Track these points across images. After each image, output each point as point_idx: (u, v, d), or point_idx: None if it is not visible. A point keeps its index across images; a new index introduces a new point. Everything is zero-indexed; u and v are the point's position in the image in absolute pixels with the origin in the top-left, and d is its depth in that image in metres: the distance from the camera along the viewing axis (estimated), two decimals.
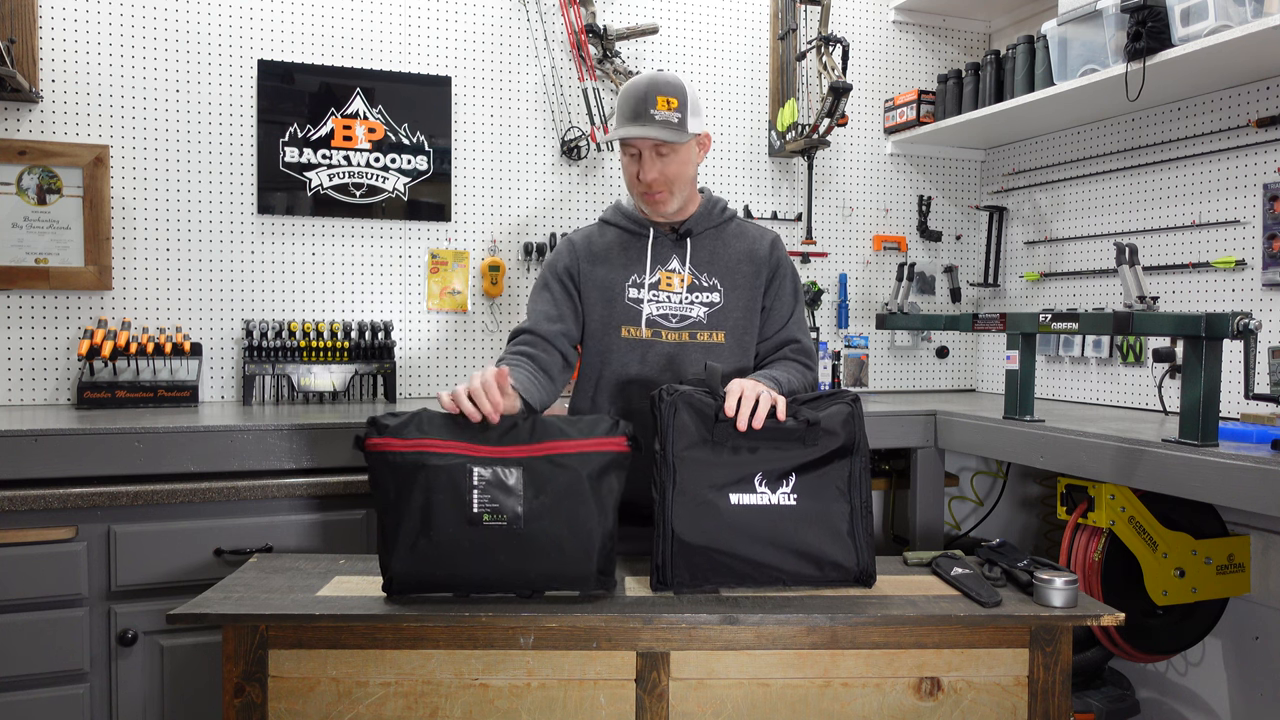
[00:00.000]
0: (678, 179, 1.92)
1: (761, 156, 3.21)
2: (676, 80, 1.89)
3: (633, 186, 1.95)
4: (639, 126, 1.85)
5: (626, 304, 1.95)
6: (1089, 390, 2.95)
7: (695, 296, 1.96)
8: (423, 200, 2.85)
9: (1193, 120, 2.62)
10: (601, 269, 1.98)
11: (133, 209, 2.60)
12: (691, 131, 1.89)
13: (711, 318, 1.95)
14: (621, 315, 1.95)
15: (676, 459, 1.59)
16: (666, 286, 1.96)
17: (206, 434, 2.06)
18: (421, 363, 2.87)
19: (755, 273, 2.00)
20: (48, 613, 1.95)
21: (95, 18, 2.55)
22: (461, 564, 1.49)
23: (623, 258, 1.98)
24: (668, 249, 1.98)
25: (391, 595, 1.51)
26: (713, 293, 1.97)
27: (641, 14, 3.06)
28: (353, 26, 2.79)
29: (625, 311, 1.95)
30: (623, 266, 1.98)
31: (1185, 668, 2.60)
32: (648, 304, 1.95)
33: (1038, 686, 1.54)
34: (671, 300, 1.96)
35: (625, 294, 1.96)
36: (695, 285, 1.96)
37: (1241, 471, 1.76)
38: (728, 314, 1.96)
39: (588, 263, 1.99)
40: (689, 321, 1.95)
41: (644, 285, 1.96)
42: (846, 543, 1.60)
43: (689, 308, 1.95)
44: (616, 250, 2.00)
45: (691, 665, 1.50)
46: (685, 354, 1.94)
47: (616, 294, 1.96)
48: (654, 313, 1.95)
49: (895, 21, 3.35)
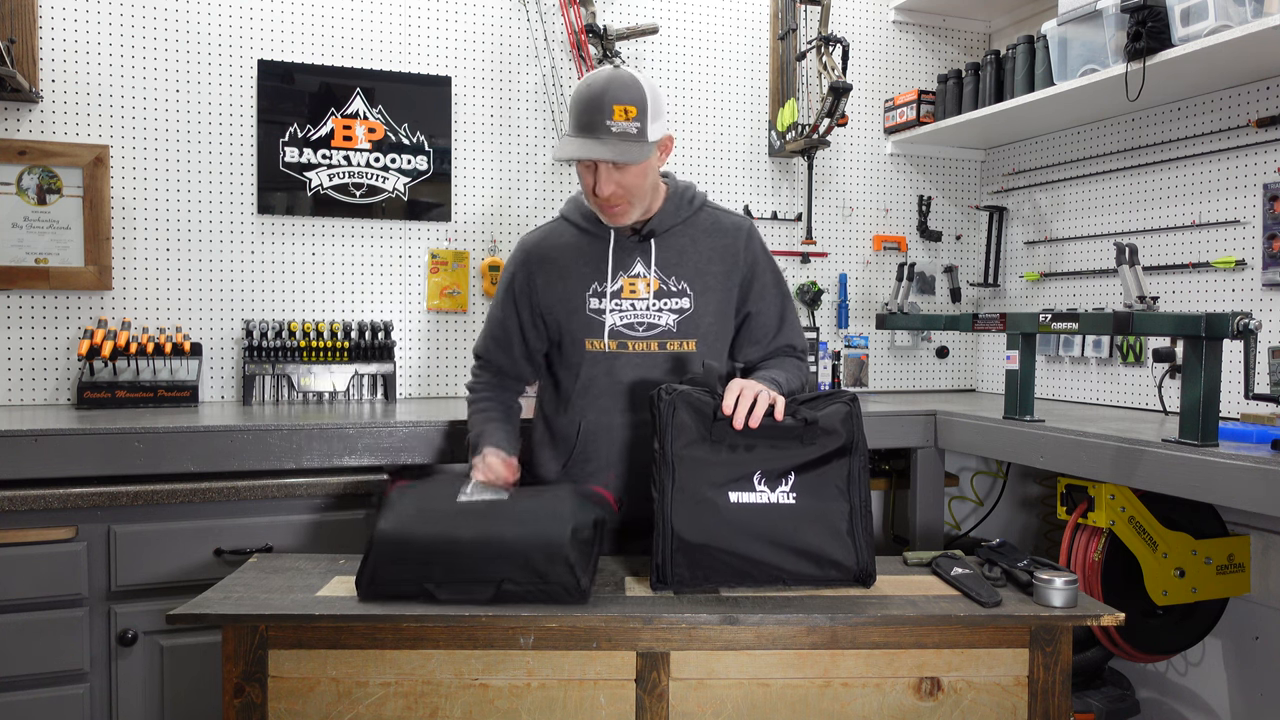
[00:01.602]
0: (636, 190, 1.77)
1: (761, 156, 3.21)
2: (634, 82, 1.72)
3: (588, 199, 1.82)
4: (592, 142, 1.69)
5: (588, 315, 1.84)
6: (1089, 390, 2.95)
7: (663, 303, 1.84)
8: (423, 200, 2.85)
9: (1193, 120, 2.62)
10: (557, 278, 1.87)
11: (133, 209, 2.60)
12: (652, 140, 1.73)
13: (681, 325, 1.85)
14: (583, 327, 1.84)
15: (675, 457, 1.59)
16: (630, 294, 1.84)
17: (206, 434, 2.06)
18: (421, 363, 2.87)
19: (727, 273, 1.88)
20: (48, 613, 1.95)
21: (95, 18, 2.55)
22: (445, 525, 1.55)
23: (581, 263, 1.86)
24: (630, 251, 1.85)
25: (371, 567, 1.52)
26: (681, 298, 1.85)
27: (641, 14, 3.06)
28: (353, 26, 2.79)
29: (587, 324, 1.84)
30: (582, 274, 1.86)
31: (1185, 668, 2.60)
32: (610, 314, 1.83)
33: (1038, 686, 1.54)
34: (637, 308, 1.84)
35: (586, 305, 1.84)
36: (663, 290, 1.84)
37: (1241, 471, 1.76)
38: (699, 320, 1.85)
39: (542, 275, 1.88)
40: (657, 330, 1.84)
41: (605, 294, 1.84)
42: (846, 542, 1.60)
43: (656, 315, 1.84)
44: (574, 254, 1.88)
45: (691, 665, 1.50)
46: (655, 364, 1.85)
47: (577, 305, 1.85)
48: (618, 323, 1.83)
49: (895, 21, 3.35)
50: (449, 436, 2.24)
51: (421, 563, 1.49)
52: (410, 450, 2.21)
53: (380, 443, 2.18)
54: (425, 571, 1.49)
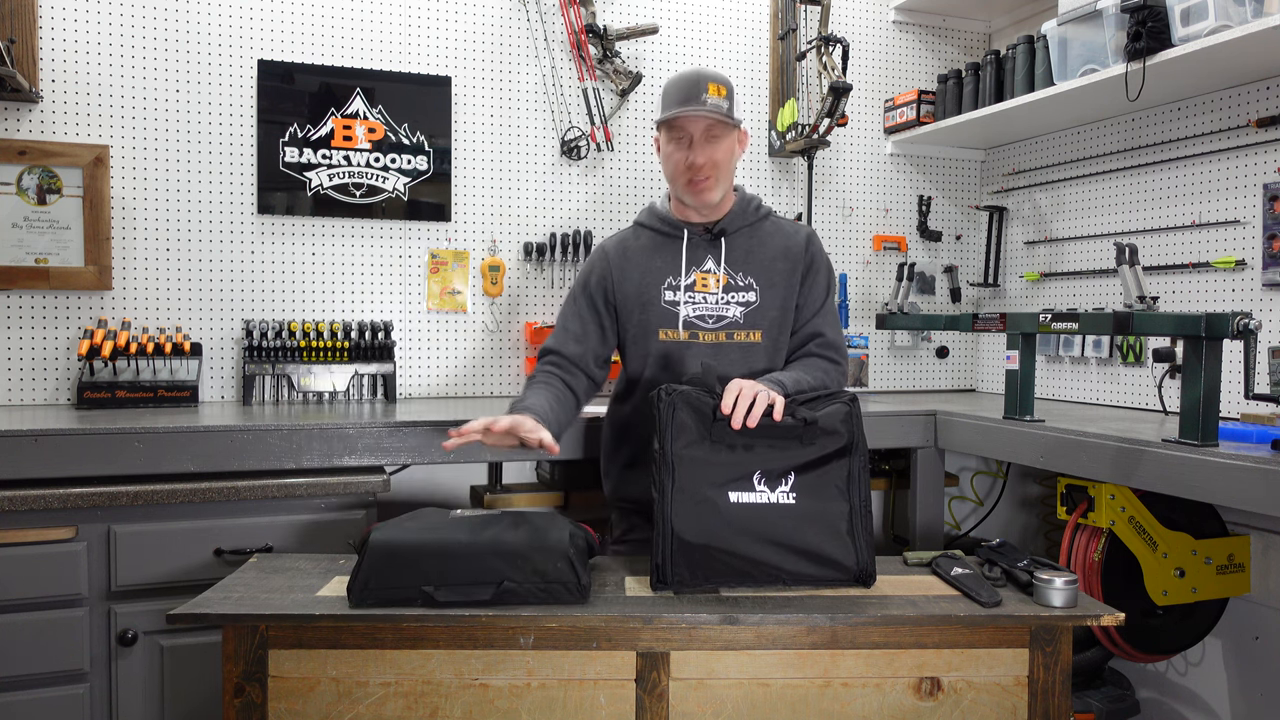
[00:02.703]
0: (724, 165, 1.93)
1: (761, 156, 3.21)
2: (723, 74, 1.95)
3: (678, 174, 1.95)
4: (694, 107, 1.87)
5: (663, 307, 1.97)
6: (1089, 390, 2.95)
7: (731, 296, 1.97)
8: (423, 200, 2.85)
9: (1193, 120, 2.62)
10: (635, 274, 2.00)
11: (133, 209, 2.60)
12: (737, 119, 1.93)
13: (748, 317, 1.97)
14: (658, 319, 1.97)
15: (675, 457, 1.59)
16: (702, 287, 1.98)
17: (206, 434, 2.06)
18: (421, 363, 2.87)
19: (791, 269, 2.00)
20: (48, 613, 1.95)
21: (95, 18, 2.55)
22: (442, 532, 1.56)
23: (657, 261, 2.00)
24: (702, 249, 2.00)
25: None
26: (748, 292, 1.98)
27: (641, 14, 3.06)
28: (353, 26, 2.79)
29: (662, 315, 1.97)
30: (658, 270, 1.99)
31: (1185, 668, 2.60)
32: (684, 306, 1.97)
33: (1038, 686, 1.54)
34: (708, 301, 1.97)
35: (661, 297, 1.98)
36: (731, 285, 1.98)
37: (1241, 471, 1.76)
38: (764, 313, 1.97)
39: (620, 271, 2.01)
40: (725, 321, 1.97)
41: (680, 287, 1.98)
42: (846, 542, 1.60)
43: (725, 308, 1.97)
44: (651, 253, 2.01)
45: (691, 665, 1.50)
46: (723, 354, 1.95)
47: (652, 298, 1.98)
48: (691, 314, 1.97)
49: (895, 21, 3.35)
50: (449, 436, 2.23)
51: (418, 567, 1.49)
52: (410, 450, 2.21)
53: (380, 443, 2.18)
54: (422, 575, 1.49)
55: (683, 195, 1.98)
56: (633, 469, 2.04)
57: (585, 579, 1.52)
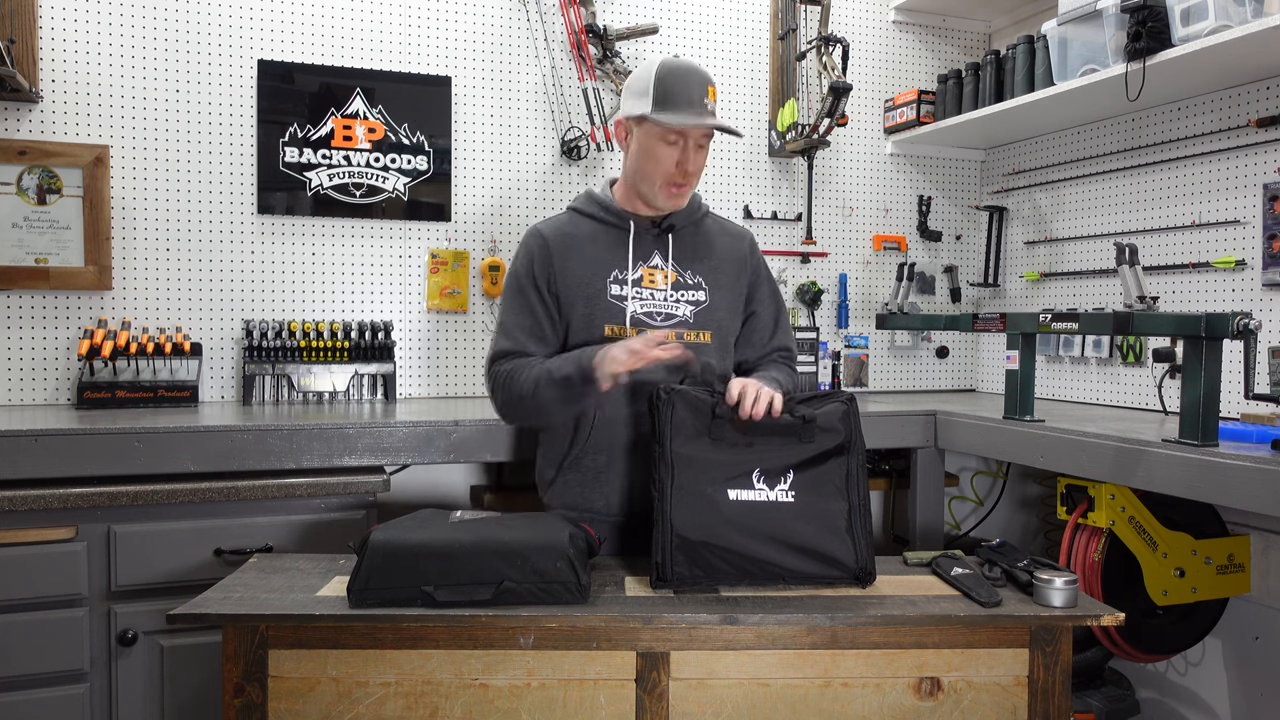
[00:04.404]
0: (701, 171, 1.92)
1: (761, 156, 3.21)
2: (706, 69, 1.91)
3: (669, 176, 1.86)
4: (704, 117, 1.83)
5: (609, 301, 1.88)
6: (1089, 390, 2.95)
7: (681, 295, 1.91)
8: (423, 200, 2.85)
9: (1193, 120, 2.62)
10: (577, 263, 1.90)
11: (133, 209, 2.60)
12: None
13: (698, 317, 1.91)
14: (604, 313, 1.88)
15: (674, 455, 1.59)
16: (650, 284, 1.91)
17: (206, 434, 2.06)
18: (421, 363, 2.87)
19: (737, 274, 1.98)
20: (48, 613, 1.95)
21: (95, 18, 2.55)
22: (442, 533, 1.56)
23: (601, 251, 1.91)
24: (649, 244, 1.93)
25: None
26: (698, 291, 1.93)
27: (641, 14, 3.06)
28: (353, 26, 2.79)
29: (608, 309, 1.88)
30: (603, 261, 1.90)
31: (1185, 668, 2.60)
32: (632, 301, 1.88)
33: (1038, 686, 1.54)
34: (656, 298, 1.90)
35: (607, 290, 1.89)
36: (680, 283, 1.92)
37: (1241, 471, 1.76)
38: (713, 314, 1.93)
39: (561, 258, 1.90)
40: (675, 320, 1.90)
41: (627, 281, 1.90)
42: (845, 540, 1.60)
43: (675, 306, 1.91)
44: (593, 243, 1.92)
45: (691, 665, 1.50)
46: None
47: (597, 290, 1.88)
48: (639, 310, 1.88)
49: (895, 21, 3.35)
50: (449, 436, 2.24)
51: (418, 568, 1.49)
52: (410, 450, 2.21)
53: (380, 443, 2.18)
54: (422, 575, 1.49)
55: (657, 195, 1.88)
56: (577, 472, 1.89)
57: (585, 579, 1.52)
